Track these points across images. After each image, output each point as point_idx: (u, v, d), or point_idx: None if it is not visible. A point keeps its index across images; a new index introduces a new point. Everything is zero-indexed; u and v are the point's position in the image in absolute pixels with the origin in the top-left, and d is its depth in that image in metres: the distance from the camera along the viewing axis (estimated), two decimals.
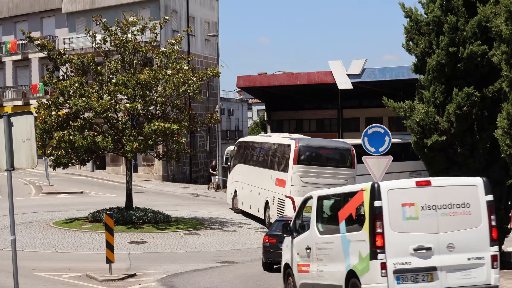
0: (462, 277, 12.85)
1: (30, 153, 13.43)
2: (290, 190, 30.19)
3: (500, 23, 17.70)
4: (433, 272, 12.76)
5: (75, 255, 25.00)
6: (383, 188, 12.89)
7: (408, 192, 13.06)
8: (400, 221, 12.79)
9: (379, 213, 12.70)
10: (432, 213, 12.87)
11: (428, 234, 12.82)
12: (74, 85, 30.03)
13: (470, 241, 12.97)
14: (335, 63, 59.06)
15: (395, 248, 12.69)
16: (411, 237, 12.77)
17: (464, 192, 13.23)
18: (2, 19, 66.08)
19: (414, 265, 12.69)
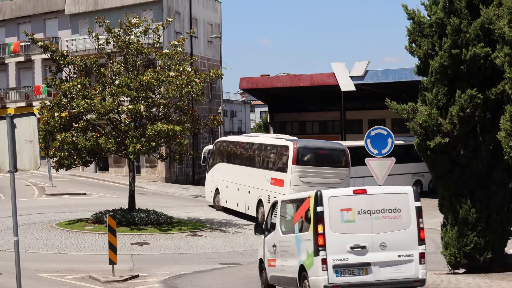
0: (393, 271, 14.89)
1: (33, 154, 13.44)
2: (289, 190, 31.01)
3: (503, 25, 17.69)
4: (367, 267, 14.76)
5: (78, 256, 25.02)
6: (325, 196, 14.89)
7: (346, 199, 15.07)
8: (339, 224, 14.78)
9: (321, 217, 14.74)
10: (367, 217, 14.88)
11: (363, 234, 14.80)
12: (77, 87, 30.05)
13: (400, 241, 14.99)
14: (338, 65, 59.04)
15: (334, 246, 14.66)
16: (348, 237, 14.77)
17: (395, 199, 15.25)
18: (5, 20, 66.17)
19: (351, 261, 14.68)
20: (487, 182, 19.81)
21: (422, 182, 52.90)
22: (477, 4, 19.46)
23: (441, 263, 21.85)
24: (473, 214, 19.62)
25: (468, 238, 19.74)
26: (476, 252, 19.79)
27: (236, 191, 36.63)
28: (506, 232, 20.41)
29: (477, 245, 19.72)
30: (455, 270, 20.63)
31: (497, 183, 19.77)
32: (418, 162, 36.48)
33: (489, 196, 19.73)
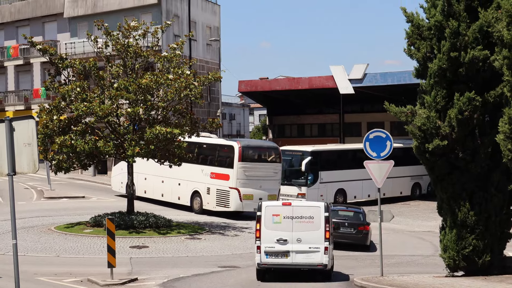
0: (305, 257, 21.06)
1: (31, 157, 13.42)
2: (236, 183, 36.84)
3: (501, 28, 17.70)
4: (287, 253, 21.18)
5: (76, 259, 24.99)
6: (263, 205, 21.68)
7: (277, 208, 21.67)
8: (270, 224, 21.28)
9: (259, 218, 21.34)
10: (289, 220, 21.23)
11: (286, 232, 21.17)
12: (75, 90, 30.04)
13: (311, 237, 21.05)
14: (337, 68, 59.09)
15: (266, 238, 21.18)
16: (276, 233, 21.18)
17: (311, 210, 21.46)
18: (4, 23, 66.17)
19: (276, 249, 21.18)
20: (486, 185, 19.83)
21: (420, 185, 52.96)
22: (475, 7, 19.48)
23: (440, 265, 21.87)
24: (472, 217, 19.64)
25: (467, 241, 19.76)
26: (475, 254, 19.80)
27: (161, 183, 40.99)
28: (505, 235, 20.43)
29: (476, 248, 19.74)
30: (454, 273, 20.64)
31: (495, 186, 19.79)
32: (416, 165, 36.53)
33: (488, 199, 19.75)
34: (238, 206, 37.28)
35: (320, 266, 21.06)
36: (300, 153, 47.14)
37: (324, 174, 46.75)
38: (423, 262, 26.89)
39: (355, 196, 47.99)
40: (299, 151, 47.71)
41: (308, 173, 45.71)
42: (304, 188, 45.58)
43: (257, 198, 35.63)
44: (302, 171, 45.58)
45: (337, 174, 47.22)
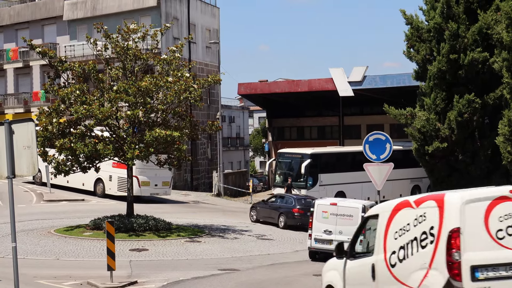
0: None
1: (31, 160, 13.41)
2: (135, 171, 38.89)
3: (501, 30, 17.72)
4: (331, 241, 25.81)
5: (76, 262, 24.95)
6: (316, 203, 27.37)
7: (325, 206, 26.78)
8: (320, 218, 26.69)
9: (312, 213, 27.10)
10: (334, 216, 26.34)
11: (331, 225, 26.35)
12: (75, 93, 30.02)
13: (350, 231, 21.94)
14: (336, 70, 59.13)
15: (316, 229, 26.70)
16: (324, 226, 26.47)
17: (351, 210, 26.15)
18: (4, 26, 66.18)
19: (323, 237, 26.48)
20: None
21: (420, 187, 52.96)
22: (475, 9, 19.52)
23: None
24: None
25: None
26: None
27: None
28: None
29: None
30: None
31: None
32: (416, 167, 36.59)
33: None
34: (137, 191, 41.50)
35: None
36: (300, 156, 47.15)
37: (324, 176, 46.77)
38: None
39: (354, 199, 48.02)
40: (299, 153, 47.72)
41: (307, 175, 45.72)
42: (303, 191, 45.61)
43: (153, 184, 41.07)
44: (301, 174, 45.60)
45: (337, 176, 47.25)
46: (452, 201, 10.65)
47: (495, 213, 10.44)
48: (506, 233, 10.36)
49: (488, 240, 10.34)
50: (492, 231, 10.39)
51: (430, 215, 10.90)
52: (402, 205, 11.96)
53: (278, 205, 38.06)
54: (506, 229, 10.35)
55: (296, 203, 37.15)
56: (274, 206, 38.36)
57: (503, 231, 10.35)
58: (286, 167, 48.45)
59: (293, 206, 36.86)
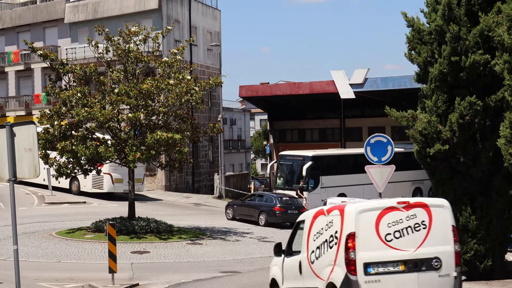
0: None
1: (32, 163, 13.41)
2: (108, 169, 41.87)
3: (502, 32, 17.71)
4: None
5: (77, 265, 24.96)
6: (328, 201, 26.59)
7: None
8: None
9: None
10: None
11: None
12: (76, 95, 30.04)
13: None
14: (338, 72, 59.12)
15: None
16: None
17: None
18: (5, 29, 66.21)
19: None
20: (487, 190, 19.80)
21: (422, 190, 52.91)
22: (476, 12, 19.48)
23: None
24: (473, 221, 19.62)
25: (468, 246, 19.72)
26: (476, 259, 19.77)
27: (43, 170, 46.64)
28: (507, 239, 20.40)
29: (477, 253, 19.71)
30: None
31: (497, 190, 19.77)
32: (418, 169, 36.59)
33: (489, 203, 19.73)
34: (110, 188, 44.74)
35: None
36: (301, 158, 47.15)
37: (325, 179, 46.77)
38: None
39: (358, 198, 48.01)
40: (300, 156, 47.72)
41: (309, 178, 45.73)
42: (305, 193, 45.61)
43: (126, 181, 39.22)
44: (303, 176, 45.60)
45: (338, 179, 47.24)
46: (349, 211, 12.96)
47: (384, 221, 12.73)
48: (393, 237, 12.68)
49: (378, 242, 12.64)
50: (381, 235, 12.67)
51: (335, 222, 13.20)
52: (319, 213, 14.23)
53: (258, 203, 39.49)
54: (393, 233, 12.70)
55: (277, 201, 38.76)
56: (253, 205, 39.58)
57: (391, 235, 12.69)
58: (287, 169, 48.45)
59: (274, 204, 38.61)
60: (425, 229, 12.84)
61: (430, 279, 12.70)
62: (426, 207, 13.15)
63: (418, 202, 13.25)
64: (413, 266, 12.64)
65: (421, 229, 12.82)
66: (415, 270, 12.64)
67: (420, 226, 12.84)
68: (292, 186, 46.10)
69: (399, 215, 12.81)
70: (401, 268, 12.62)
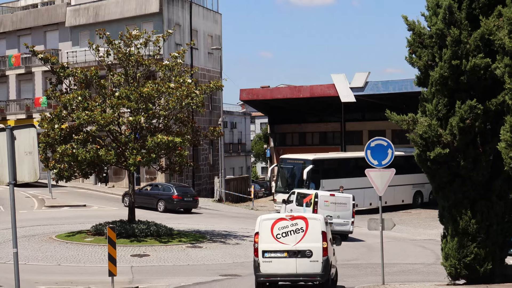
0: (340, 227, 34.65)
1: (32, 166, 13.40)
2: None
3: (503, 36, 17.69)
4: (331, 223, 31.91)
5: (77, 268, 24.96)
6: (319, 194, 35.71)
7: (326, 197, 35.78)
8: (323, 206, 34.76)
9: (316, 203, 35.01)
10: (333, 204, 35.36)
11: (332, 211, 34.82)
12: (77, 99, 30.06)
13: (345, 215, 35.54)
14: (338, 76, 59.15)
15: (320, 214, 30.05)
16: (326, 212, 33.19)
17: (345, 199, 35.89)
18: (6, 33, 66.26)
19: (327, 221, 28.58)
20: (488, 193, 19.77)
21: (422, 193, 52.93)
22: (477, 15, 19.46)
23: (442, 274, 21.82)
24: (473, 225, 19.57)
25: (468, 249, 19.69)
26: (476, 263, 19.73)
27: None
28: (507, 243, 20.36)
29: (477, 256, 19.66)
30: (455, 281, 20.57)
31: (497, 194, 19.73)
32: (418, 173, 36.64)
33: (489, 207, 19.68)
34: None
35: (350, 233, 35.96)
36: (302, 162, 47.19)
37: (326, 182, 46.80)
38: (425, 271, 26.84)
39: (356, 205, 48.00)
40: (301, 159, 47.75)
41: (309, 181, 45.78)
42: None
43: None
44: (303, 179, 45.63)
45: (339, 182, 47.25)
46: (258, 219, 20.20)
47: (276, 226, 19.84)
48: (281, 236, 19.72)
49: (272, 238, 19.76)
50: (274, 234, 19.79)
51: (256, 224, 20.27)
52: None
53: (157, 192, 44.03)
54: (281, 233, 19.74)
55: (174, 190, 43.92)
56: (151, 194, 44.14)
57: (280, 234, 19.75)
58: (288, 172, 48.49)
59: (172, 193, 43.75)
60: (302, 232, 19.68)
61: (304, 263, 19.55)
62: (304, 219, 19.97)
63: (299, 216, 20.28)
64: (293, 254, 19.58)
65: (300, 232, 19.70)
66: (294, 256, 19.58)
67: (299, 231, 19.69)
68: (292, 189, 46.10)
69: (286, 223, 19.82)
70: (285, 255, 19.60)
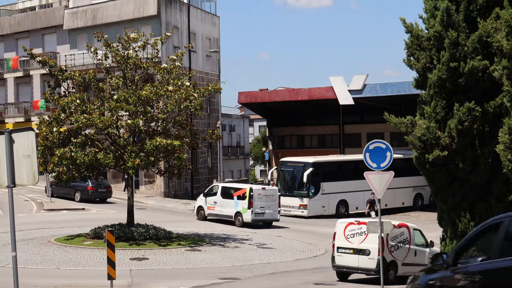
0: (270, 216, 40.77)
1: (31, 169, 13.38)
2: None
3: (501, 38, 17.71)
4: (264, 213, 40.32)
5: (76, 271, 24.92)
6: (254, 189, 40.48)
7: (260, 191, 40.51)
8: (257, 199, 40.00)
9: (251, 196, 39.80)
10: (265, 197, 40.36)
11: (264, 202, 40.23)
12: (75, 102, 30.04)
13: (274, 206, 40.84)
14: (336, 78, 59.16)
15: (256, 206, 39.73)
16: (260, 204, 40.10)
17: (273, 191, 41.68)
18: (4, 35, 66.27)
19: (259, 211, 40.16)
20: (486, 196, 19.79)
21: (423, 196, 52.91)
22: (474, 18, 19.49)
23: None
24: (472, 227, 19.59)
25: None
26: None
27: None
28: None
29: None
30: None
31: (496, 196, 19.75)
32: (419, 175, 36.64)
33: (488, 209, 19.70)
34: None
35: (277, 220, 41.37)
36: (302, 165, 47.21)
37: (326, 185, 46.80)
38: None
39: (357, 207, 48.02)
40: (301, 162, 47.77)
41: (309, 184, 45.80)
42: (306, 200, 45.69)
43: None
44: (304, 182, 45.66)
45: (339, 185, 47.29)
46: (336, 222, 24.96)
47: (348, 228, 23.79)
48: (351, 237, 23.58)
49: (344, 238, 23.77)
50: (346, 235, 23.78)
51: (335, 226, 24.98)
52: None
53: (75, 184, 45.62)
54: (351, 235, 23.60)
55: (89, 182, 47.31)
56: (69, 185, 45.90)
57: (349, 235, 23.64)
58: (288, 175, 48.50)
59: (88, 184, 47.79)
60: (364, 235, 23.28)
61: (364, 258, 23.19)
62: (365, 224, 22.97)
63: (363, 222, 23.63)
64: (357, 252, 23.41)
65: (363, 235, 23.32)
66: (357, 253, 23.40)
67: (363, 233, 23.31)
68: (293, 192, 46.29)
69: (354, 227, 23.68)
70: (351, 252, 23.54)
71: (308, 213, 46.44)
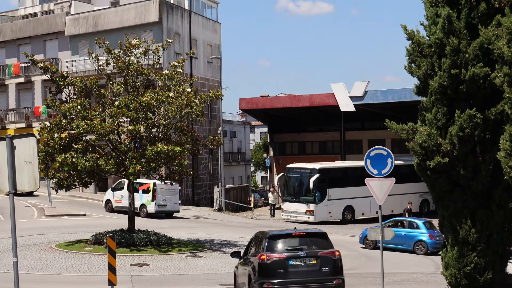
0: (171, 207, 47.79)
1: (32, 175, 13.40)
2: None
3: (502, 45, 17.71)
4: (167, 205, 46.60)
5: (77, 277, 24.92)
6: (157, 183, 44.12)
7: (162, 185, 44.42)
8: (160, 193, 45.77)
9: (155, 189, 45.59)
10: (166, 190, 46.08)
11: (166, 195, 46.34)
12: (76, 108, 30.07)
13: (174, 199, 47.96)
14: (338, 85, 59.21)
15: (158, 200, 45.91)
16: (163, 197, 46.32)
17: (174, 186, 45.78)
18: (6, 42, 66.38)
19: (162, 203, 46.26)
20: (487, 202, 19.75)
21: (429, 201, 52.90)
22: (476, 25, 19.49)
23: (442, 283, 21.78)
24: (473, 234, 19.56)
25: (468, 258, 19.67)
26: (476, 272, 19.70)
27: None
28: (507, 252, 20.34)
29: (477, 265, 19.64)
30: None
31: (497, 203, 19.72)
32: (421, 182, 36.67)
33: (489, 216, 19.67)
34: None
35: (177, 211, 47.75)
36: (308, 171, 47.32)
37: (332, 191, 46.87)
38: (425, 280, 26.81)
39: (363, 213, 48.09)
40: (307, 168, 47.87)
41: (316, 190, 45.89)
42: (312, 205, 45.77)
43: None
44: (310, 189, 45.78)
45: (345, 191, 47.35)
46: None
47: None
48: None
49: None
50: None
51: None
52: None
53: None
54: None
55: None
56: None
57: None
58: (295, 181, 48.61)
59: None
60: None
61: None
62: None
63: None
64: None
65: None
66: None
67: None
68: (300, 198, 46.55)
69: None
70: None
71: (314, 219, 46.48)
